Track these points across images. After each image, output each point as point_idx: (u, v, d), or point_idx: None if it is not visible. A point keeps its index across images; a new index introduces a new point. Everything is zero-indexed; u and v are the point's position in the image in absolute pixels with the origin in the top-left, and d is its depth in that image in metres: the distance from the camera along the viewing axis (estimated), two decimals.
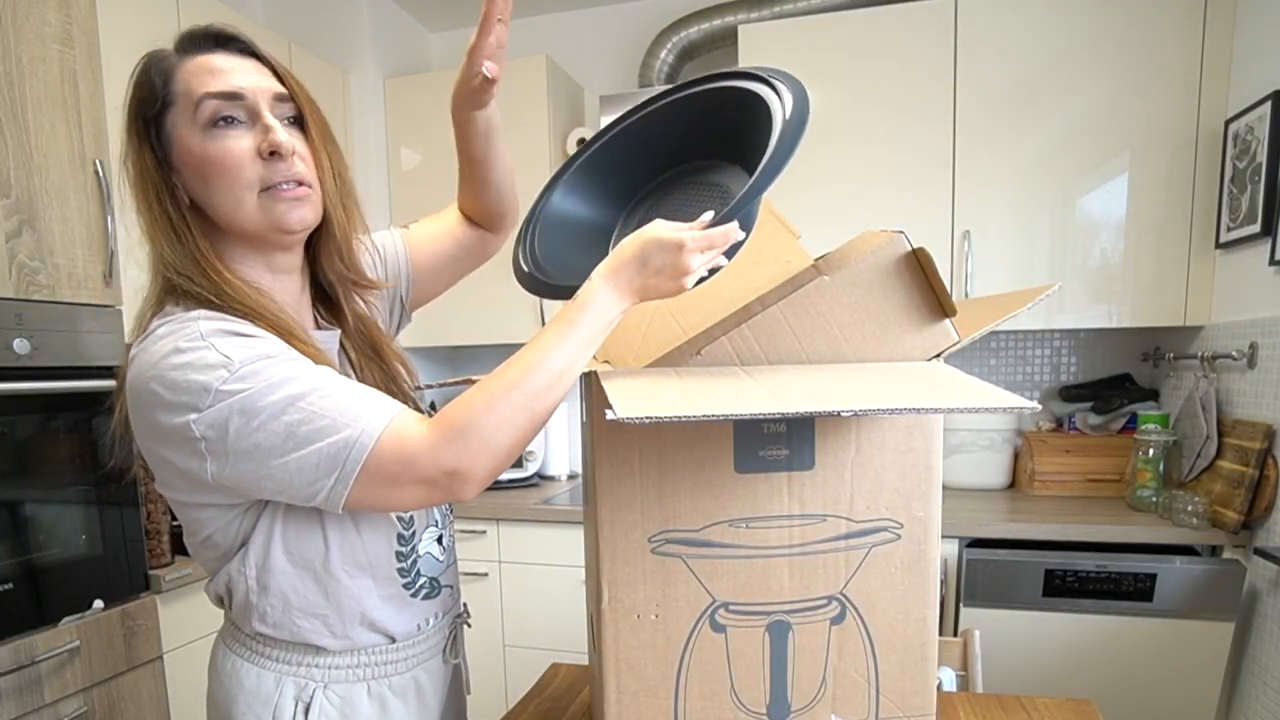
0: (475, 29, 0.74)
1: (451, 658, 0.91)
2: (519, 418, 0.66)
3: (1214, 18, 1.81)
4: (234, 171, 0.69)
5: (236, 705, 0.79)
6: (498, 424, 0.65)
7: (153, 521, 1.61)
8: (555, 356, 0.67)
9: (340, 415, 0.65)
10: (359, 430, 0.65)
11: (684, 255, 0.66)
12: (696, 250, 0.66)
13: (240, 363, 0.64)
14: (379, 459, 0.65)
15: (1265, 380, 1.66)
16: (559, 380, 0.68)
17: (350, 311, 0.84)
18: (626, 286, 0.68)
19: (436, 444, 0.65)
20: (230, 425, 0.64)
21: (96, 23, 1.48)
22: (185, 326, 0.66)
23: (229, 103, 0.69)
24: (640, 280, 0.68)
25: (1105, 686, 1.71)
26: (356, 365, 0.84)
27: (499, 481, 2.44)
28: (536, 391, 0.67)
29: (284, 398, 0.64)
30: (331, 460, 0.65)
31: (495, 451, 0.66)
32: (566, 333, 0.68)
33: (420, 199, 2.47)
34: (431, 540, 0.86)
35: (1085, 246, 1.95)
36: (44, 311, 1.38)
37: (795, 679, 0.73)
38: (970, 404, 0.57)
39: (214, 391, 0.63)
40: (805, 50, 2.08)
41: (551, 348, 0.67)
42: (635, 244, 0.68)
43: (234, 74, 0.70)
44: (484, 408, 0.65)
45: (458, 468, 0.65)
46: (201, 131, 0.69)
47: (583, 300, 0.68)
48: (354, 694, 0.80)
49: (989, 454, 2.16)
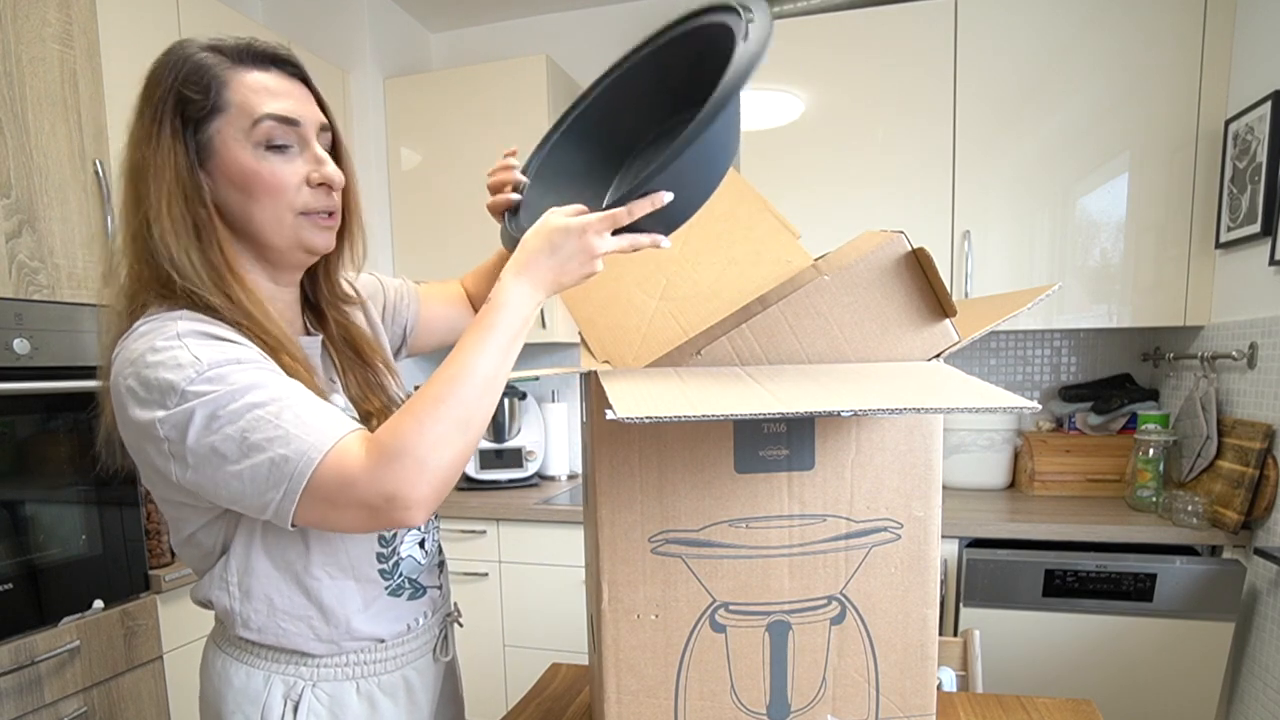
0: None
1: (442, 656, 0.91)
2: (451, 433, 0.65)
3: (1214, 18, 1.81)
4: (282, 194, 0.72)
5: (226, 704, 0.80)
6: (432, 442, 0.64)
7: (153, 521, 1.61)
8: (478, 364, 0.66)
9: (293, 428, 0.64)
10: (307, 445, 0.64)
11: (588, 238, 0.66)
12: (601, 231, 0.67)
13: (209, 364, 0.64)
14: (321, 478, 0.64)
15: (1265, 380, 1.66)
16: (487, 387, 0.67)
17: (334, 319, 0.87)
18: (539, 279, 0.68)
19: (372, 467, 0.63)
20: (190, 428, 0.64)
21: (96, 23, 1.48)
22: (164, 326, 0.67)
23: (286, 127, 0.72)
24: (551, 271, 0.68)
25: (1105, 686, 1.71)
26: (340, 368, 0.85)
27: (499, 481, 2.44)
28: (465, 402, 0.66)
29: (244, 405, 0.64)
30: (279, 471, 0.64)
31: (433, 471, 0.64)
32: (485, 338, 0.67)
33: (420, 199, 2.47)
34: (413, 544, 0.87)
35: (1085, 246, 1.95)
36: (44, 311, 1.38)
37: (795, 679, 0.73)
38: (970, 404, 0.57)
39: (180, 391, 0.63)
40: (805, 50, 2.08)
41: (473, 356, 0.67)
42: (539, 235, 0.68)
43: (291, 99, 0.72)
44: (414, 428, 0.64)
45: (396, 492, 0.63)
46: (254, 149, 0.71)
47: (497, 301, 0.68)
48: (342, 692, 0.81)
49: (989, 454, 2.16)
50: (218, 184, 0.72)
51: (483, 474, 2.44)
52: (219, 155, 0.71)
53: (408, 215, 2.49)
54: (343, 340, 0.87)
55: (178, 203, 0.69)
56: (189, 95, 0.69)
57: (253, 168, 0.71)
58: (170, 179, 0.69)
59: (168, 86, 0.69)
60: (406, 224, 2.49)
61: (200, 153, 0.70)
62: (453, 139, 2.41)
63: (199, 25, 1.81)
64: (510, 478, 2.45)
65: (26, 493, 1.37)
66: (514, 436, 2.49)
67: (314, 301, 0.86)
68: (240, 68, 0.71)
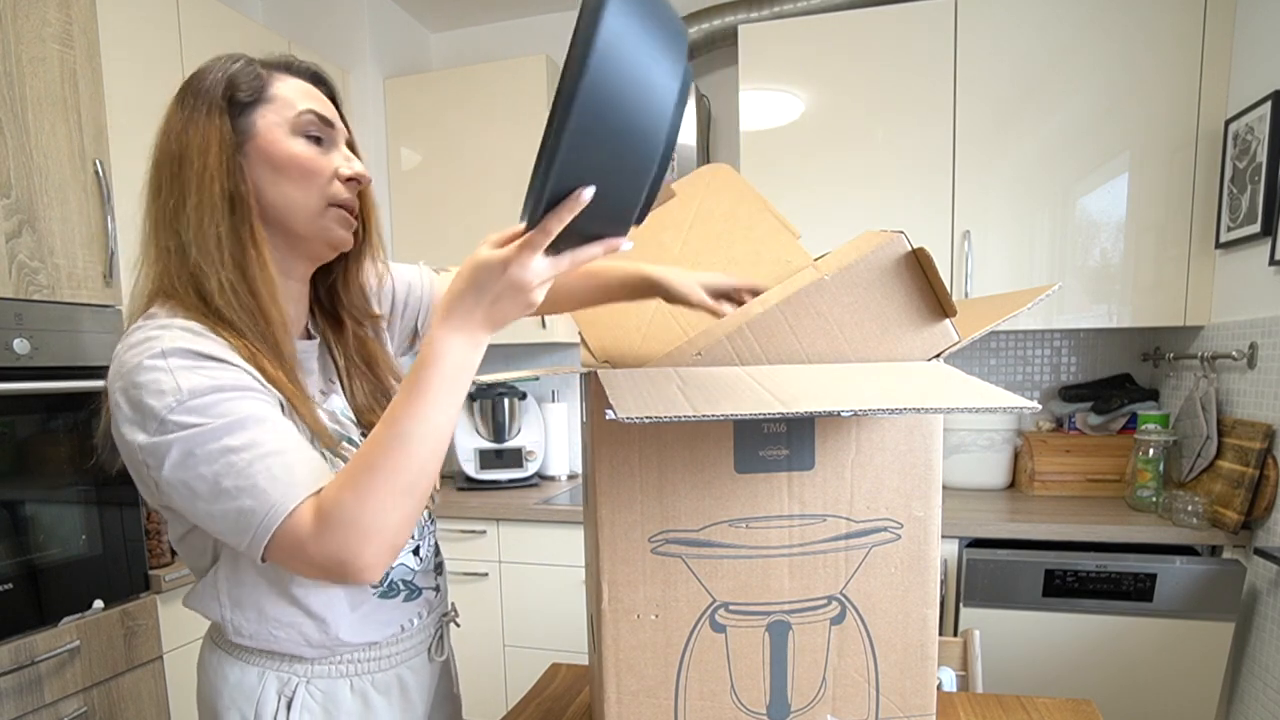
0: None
1: (437, 655, 0.92)
2: (391, 498, 0.63)
3: (1214, 18, 1.81)
4: (317, 178, 0.75)
5: (221, 699, 0.81)
6: (373, 509, 0.63)
7: (153, 522, 1.61)
8: (412, 428, 0.63)
9: (262, 480, 0.64)
10: (271, 503, 0.64)
11: (510, 272, 0.60)
12: (525, 261, 0.59)
13: (190, 393, 0.64)
14: (280, 537, 0.64)
15: (1265, 380, 1.66)
16: (423, 448, 0.64)
17: (353, 333, 0.87)
18: (469, 323, 0.63)
19: (317, 536, 0.63)
20: (167, 460, 0.65)
21: (96, 23, 1.48)
22: (153, 340, 0.67)
23: (324, 126, 0.76)
24: (481, 311, 0.63)
25: (1105, 686, 1.71)
26: (344, 372, 0.85)
27: (499, 481, 2.44)
28: (401, 468, 0.63)
29: (220, 448, 0.64)
30: (246, 521, 0.64)
31: (378, 536, 0.63)
32: (416, 398, 0.63)
33: (420, 199, 2.47)
34: (405, 553, 0.86)
35: (1085, 246, 1.95)
36: (44, 311, 1.38)
37: (795, 679, 0.73)
38: (970, 404, 0.57)
39: (160, 419, 0.64)
40: (805, 50, 2.08)
41: (405, 419, 0.63)
42: (462, 276, 0.63)
43: (326, 106, 0.77)
44: (353, 498, 0.63)
45: (342, 559, 0.63)
46: (292, 135, 0.74)
47: (425, 357, 0.64)
48: (336, 689, 0.82)
49: (989, 454, 2.16)
50: (253, 165, 0.73)
51: (483, 474, 2.44)
52: (260, 137, 0.73)
53: (408, 215, 2.49)
54: (357, 349, 0.87)
55: (220, 175, 0.71)
56: (239, 82, 0.72)
57: (292, 150, 0.73)
58: (215, 153, 0.71)
59: (216, 79, 0.72)
60: (407, 224, 2.50)
61: (241, 135, 0.73)
62: (453, 139, 2.41)
63: (199, 25, 1.81)
64: (510, 478, 2.45)
65: (26, 493, 1.37)
66: (514, 436, 2.49)
67: (331, 309, 0.87)
68: (281, 74, 0.76)
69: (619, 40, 0.50)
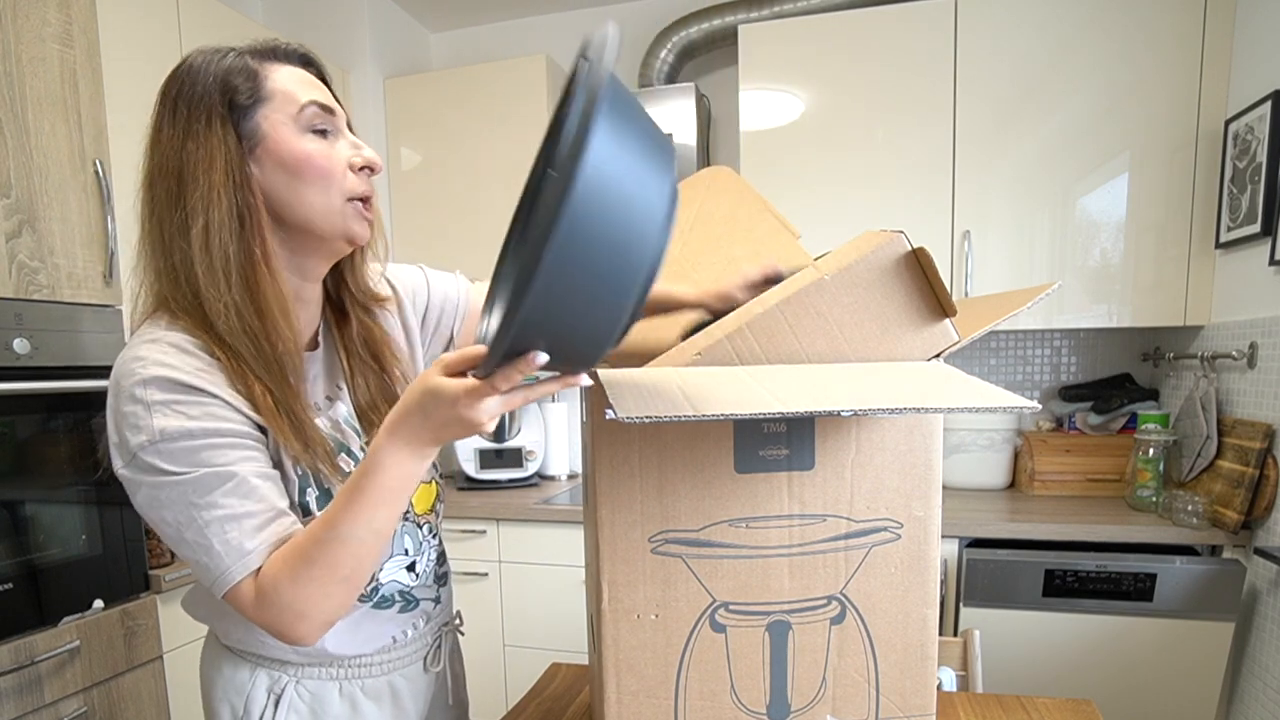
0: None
1: (433, 665, 0.91)
2: (325, 588, 0.66)
3: (1214, 18, 1.81)
4: (334, 174, 0.72)
5: (215, 691, 0.84)
6: (305, 597, 0.66)
7: None
8: (350, 530, 0.65)
9: (217, 543, 0.66)
10: (222, 569, 0.67)
11: (458, 409, 0.59)
12: (472, 403, 0.58)
13: (162, 435, 0.65)
14: (229, 598, 0.68)
15: (1265, 380, 1.66)
16: (361, 547, 0.66)
17: (356, 320, 0.85)
18: (415, 439, 0.63)
19: (256, 608, 0.67)
20: (137, 495, 0.68)
21: (96, 23, 1.48)
22: (140, 363, 0.66)
23: (327, 115, 0.73)
24: (428, 432, 0.63)
25: (1105, 686, 1.71)
26: (349, 371, 0.84)
27: (499, 481, 2.44)
28: (338, 564, 0.65)
29: (183, 501, 0.66)
30: (206, 573, 0.68)
31: (311, 619, 0.67)
32: (358, 502, 0.64)
33: (420, 199, 2.47)
34: (397, 569, 0.85)
35: (1085, 246, 1.95)
36: (44, 311, 1.38)
37: (795, 679, 0.73)
38: (970, 404, 0.57)
39: (133, 455, 0.66)
40: (805, 50, 2.08)
41: (344, 522, 0.65)
42: (412, 393, 0.62)
43: (323, 92, 0.74)
44: (289, 584, 0.66)
45: (278, 631, 0.67)
46: (301, 132, 0.71)
47: (369, 463, 0.65)
48: (325, 691, 0.82)
49: (989, 454, 2.16)
50: (265, 170, 0.71)
51: (483, 474, 2.44)
52: (269, 139, 0.70)
53: (408, 215, 2.49)
54: (361, 342, 0.85)
55: (228, 192, 0.68)
56: (235, 84, 0.69)
57: (305, 149, 0.71)
58: (221, 168, 0.68)
59: (209, 83, 0.68)
60: (407, 224, 2.50)
61: (248, 140, 0.70)
62: (453, 139, 2.41)
63: (199, 25, 1.81)
64: (510, 477, 2.45)
65: (26, 493, 1.37)
66: (514, 436, 2.49)
67: (338, 298, 0.84)
68: (272, 63, 0.72)
69: (601, 172, 0.45)
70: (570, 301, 0.49)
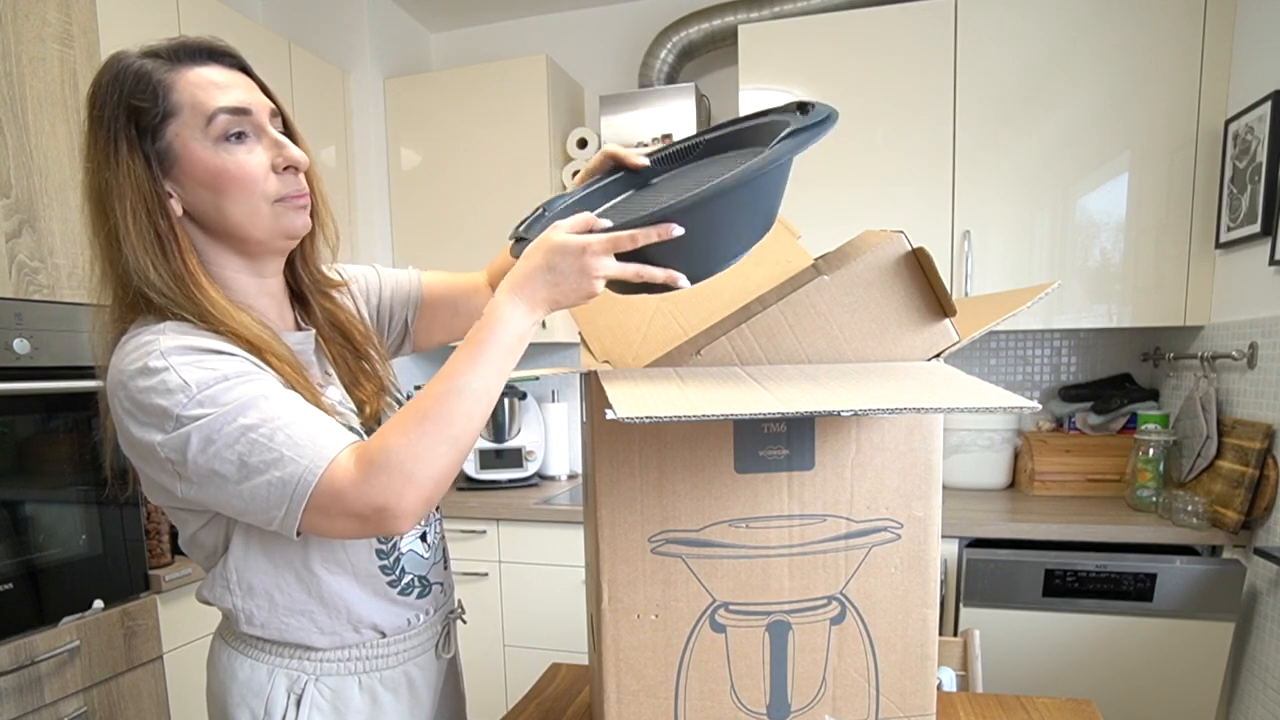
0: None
1: (444, 652, 0.92)
2: (439, 447, 0.65)
3: (1214, 18, 1.81)
4: (253, 184, 0.72)
5: (230, 696, 0.81)
6: (417, 455, 0.65)
7: (153, 521, 1.61)
8: (467, 381, 0.66)
9: (287, 449, 0.65)
10: (301, 468, 0.65)
11: (586, 258, 0.64)
12: (601, 252, 0.64)
13: (198, 386, 0.65)
14: (317, 496, 0.66)
15: (1265, 380, 1.66)
16: (475, 404, 0.66)
17: (319, 306, 0.86)
18: (534, 297, 0.66)
19: (360, 480, 0.65)
20: (189, 451, 0.65)
21: (96, 23, 1.48)
22: (151, 344, 0.67)
23: (239, 118, 0.71)
24: (546, 288, 0.66)
25: (1105, 686, 1.71)
26: (332, 358, 0.85)
27: (499, 481, 2.44)
28: (452, 419, 0.66)
29: (238, 428, 0.65)
30: (280, 492, 0.66)
31: (420, 484, 0.65)
32: (476, 355, 0.66)
33: (420, 199, 2.47)
34: (413, 538, 0.87)
35: (1085, 246, 1.95)
36: (44, 311, 1.38)
37: (795, 679, 0.73)
38: (970, 404, 0.57)
39: (175, 417, 0.65)
40: (805, 50, 2.08)
41: (462, 373, 0.66)
42: (538, 250, 0.66)
43: (236, 89, 0.72)
44: (401, 442, 0.65)
45: (384, 505, 0.65)
46: (214, 144, 0.70)
47: (489, 319, 0.67)
48: (345, 686, 0.82)
49: (989, 454, 2.16)
50: (186, 188, 0.71)
51: (483, 474, 2.44)
52: (182, 158, 0.70)
53: (408, 215, 2.49)
54: (331, 328, 0.86)
55: (141, 217, 0.69)
56: (139, 105, 0.68)
57: (218, 164, 0.70)
58: (133, 195, 0.69)
59: (115, 102, 0.68)
60: (406, 224, 2.50)
61: (162, 161, 0.70)
62: (453, 139, 2.41)
63: (199, 25, 1.81)
64: (510, 478, 2.45)
65: (26, 493, 1.37)
66: (514, 436, 2.49)
67: (298, 291, 0.86)
68: (181, 67, 0.70)
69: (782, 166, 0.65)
70: (722, 216, 0.65)
